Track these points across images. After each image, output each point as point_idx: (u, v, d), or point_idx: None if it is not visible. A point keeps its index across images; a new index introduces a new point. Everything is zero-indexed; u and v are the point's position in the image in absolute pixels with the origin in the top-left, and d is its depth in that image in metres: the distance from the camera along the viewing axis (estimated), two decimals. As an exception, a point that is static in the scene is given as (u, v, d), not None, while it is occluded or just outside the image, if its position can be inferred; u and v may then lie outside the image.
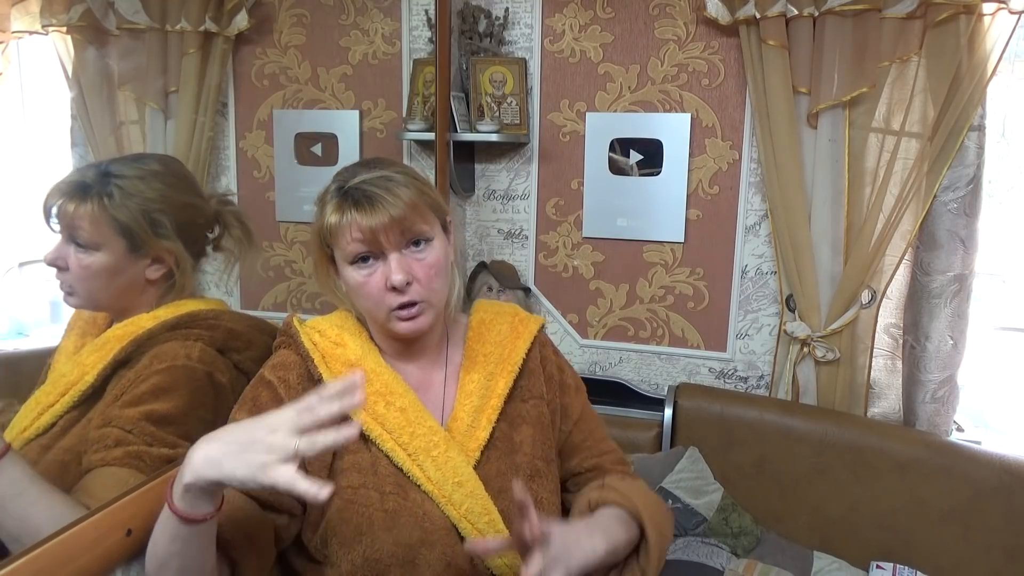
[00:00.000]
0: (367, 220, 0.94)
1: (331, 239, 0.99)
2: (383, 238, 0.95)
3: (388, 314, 0.98)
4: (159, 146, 1.71)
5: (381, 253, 0.97)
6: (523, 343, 1.11)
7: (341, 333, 1.05)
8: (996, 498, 1.74)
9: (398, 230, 0.96)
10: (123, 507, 0.93)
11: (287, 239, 2.18)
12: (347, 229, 0.96)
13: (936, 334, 1.92)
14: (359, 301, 1.02)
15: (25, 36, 1.42)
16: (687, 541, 1.83)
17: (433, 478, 0.97)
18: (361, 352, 1.03)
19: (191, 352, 1.07)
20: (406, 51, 2.20)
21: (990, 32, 1.76)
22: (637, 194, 2.17)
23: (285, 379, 1.01)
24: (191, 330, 1.10)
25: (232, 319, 1.17)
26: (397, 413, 0.99)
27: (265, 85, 2.13)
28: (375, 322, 1.04)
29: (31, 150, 1.45)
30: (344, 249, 0.98)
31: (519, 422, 1.07)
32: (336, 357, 1.02)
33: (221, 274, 1.28)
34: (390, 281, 0.96)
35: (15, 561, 0.80)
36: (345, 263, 0.99)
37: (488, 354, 1.09)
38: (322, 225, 1.00)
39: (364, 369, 1.01)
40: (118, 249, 1.07)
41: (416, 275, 0.97)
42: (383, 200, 0.95)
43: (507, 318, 1.14)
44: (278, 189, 2.15)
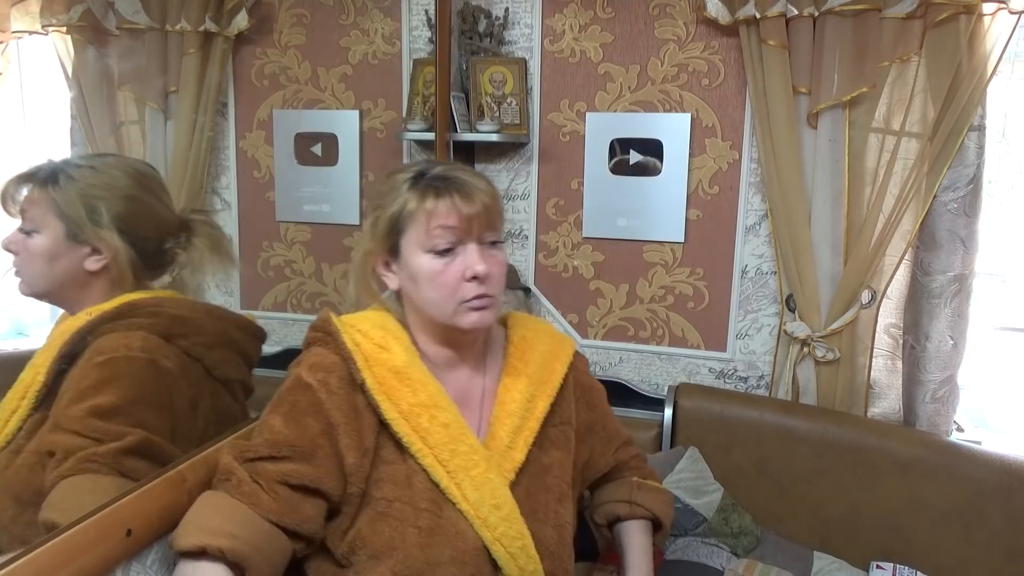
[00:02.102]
0: (466, 207, 0.96)
1: (411, 222, 0.98)
2: (476, 226, 0.97)
3: (459, 305, 0.97)
4: (159, 146, 1.71)
5: (461, 244, 0.98)
6: (561, 366, 1.11)
7: (385, 336, 1.02)
8: (996, 498, 1.74)
9: (486, 221, 0.98)
10: (123, 507, 0.93)
11: (287, 239, 2.18)
12: (442, 215, 0.96)
13: (936, 334, 1.92)
14: (426, 291, 0.99)
15: (25, 36, 1.42)
16: (687, 541, 1.83)
17: (470, 498, 0.96)
18: (407, 358, 1.00)
19: (131, 342, 1.05)
20: (406, 51, 2.20)
21: (990, 32, 1.76)
22: (637, 194, 2.17)
23: (326, 382, 0.97)
24: (132, 319, 1.07)
25: (176, 305, 1.14)
26: (440, 428, 0.97)
27: (265, 85, 2.13)
28: (436, 316, 1.00)
29: (31, 150, 1.45)
30: (428, 234, 0.97)
31: (549, 445, 1.07)
32: (380, 362, 0.99)
33: (221, 275, 1.28)
34: (472, 270, 0.96)
35: (15, 561, 0.80)
36: (420, 250, 0.98)
37: (530, 374, 1.08)
38: (400, 209, 0.98)
39: (410, 378, 0.98)
40: (57, 233, 1.07)
41: (491, 270, 0.99)
42: (478, 189, 0.98)
43: (546, 337, 1.14)
44: (278, 189, 2.15)
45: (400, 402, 0.97)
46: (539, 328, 1.16)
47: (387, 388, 0.97)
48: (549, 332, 1.16)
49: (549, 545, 1.01)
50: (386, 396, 0.96)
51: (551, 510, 1.03)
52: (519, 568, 0.97)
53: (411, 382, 0.98)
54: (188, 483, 1.05)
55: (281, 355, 1.93)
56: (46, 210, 1.07)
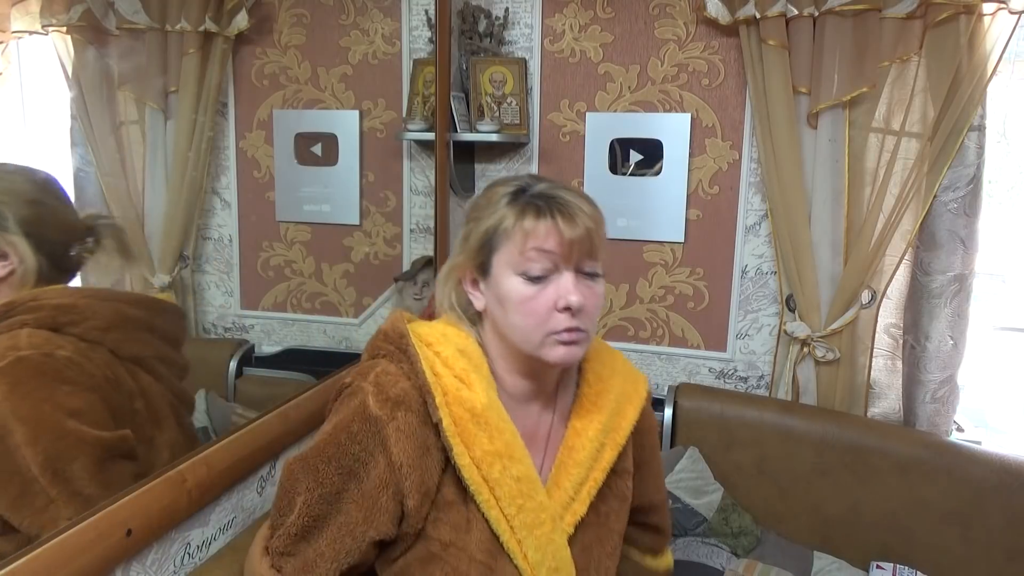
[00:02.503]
0: (568, 229, 0.88)
1: (504, 242, 0.91)
2: (575, 252, 0.90)
3: (546, 336, 0.90)
4: (159, 146, 1.71)
5: (556, 271, 0.90)
6: (633, 411, 1.04)
7: (467, 367, 0.93)
8: (996, 498, 1.74)
9: (586, 248, 0.91)
10: (123, 507, 0.93)
11: (287, 239, 2.18)
12: (542, 236, 0.88)
13: (936, 334, 1.92)
14: (514, 317, 0.91)
15: (25, 36, 1.42)
16: (687, 541, 1.83)
17: (531, 558, 0.90)
18: (487, 398, 0.91)
19: (16, 342, 1.00)
20: (406, 51, 2.20)
21: (990, 32, 1.76)
22: (637, 194, 2.17)
23: (395, 417, 0.88)
24: (12, 319, 1.03)
25: (58, 294, 1.10)
26: (511, 481, 0.90)
27: (265, 85, 2.13)
28: (522, 345, 0.92)
29: (31, 150, 1.45)
30: (523, 255, 0.89)
31: (608, 495, 1.01)
32: (460, 401, 0.90)
33: (221, 275, 1.28)
34: (565, 300, 0.89)
35: (15, 561, 0.80)
36: (512, 272, 0.90)
37: (603, 421, 1.00)
38: (495, 226, 0.91)
39: (488, 423, 0.90)
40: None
41: (586, 302, 0.91)
42: (581, 211, 0.91)
43: (620, 378, 1.06)
44: (278, 189, 2.15)
45: (474, 448, 0.89)
46: (615, 364, 1.07)
47: (462, 430, 0.89)
48: (624, 370, 1.07)
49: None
50: (461, 439, 0.89)
51: (603, 566, 0.98)
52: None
53: (488, 427, 0.90)
54: (188, 483, 1.05)
55: (281, 355, 1.94)
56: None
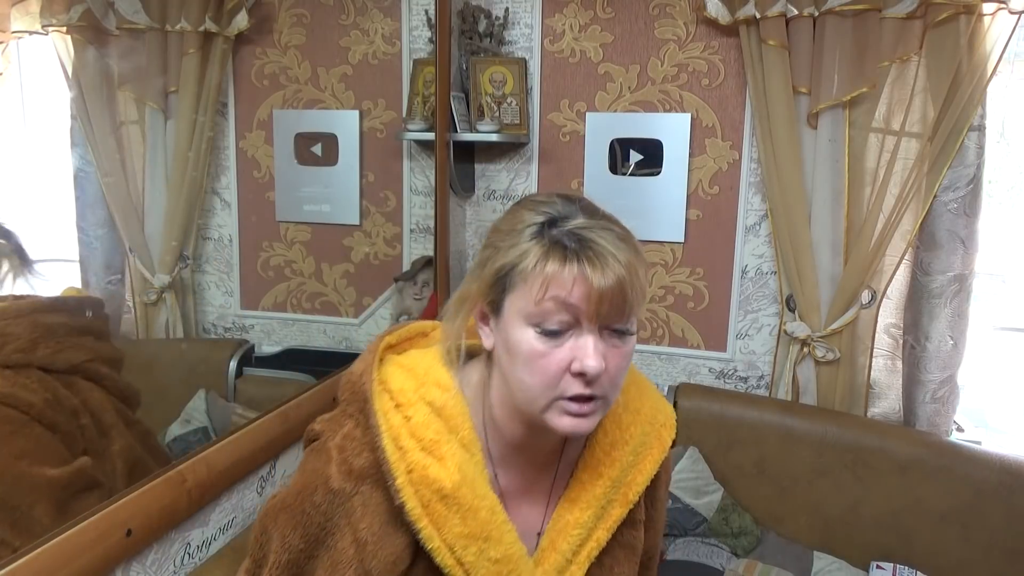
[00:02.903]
0: (597, 277, 0.73)
1: (520, 283, 0.76)
2: (603, 307, 0.74)
3: (553, 402, 0.77)
4: (159, 146, 1.71)
5: (577, 325, 0.76)
6: (651, 464, 0.91)
7: (439, 432, 0.80)
8: (996, 498, 1.74)
9: (617, 303, 0.75)
10: (123, 507, 0.93)
11: (287, 239, 2.18)
12: (561, 284, 0.74)
13: (936, 334, 1.92)
14: (520, 372, 0.78)
15: (25, 36, 1.42)
16: (687, 541, 1.83)
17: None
18: (460, 475, 0.78)
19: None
20: (406, 51, 2.20)
21: (990, 32, 1.76)
22: (637, 194, 2.17)
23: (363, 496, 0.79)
24: None
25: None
26: (488, 564, 0.80)
27: (265, 85, 2.13)
28: (524, 405, 0.80)
29: (31, 150, 1.45)
30: (540, 304, 0.75)
31: (615, 547, 0.90)
32: (426, 482, 0.78)
33: (221, 275, 1.27)
34: (581, 364, 0.75)
35: (15, 561, 0.80)
36: (524, 321, 0.76)
37: (614, 477, 0.88)
38: (514, 263, 0.77)
39: (460, 503, 0.78)
40: None
41: (608, 366, 0.76)
42: (613, 260, 0.74)
43: (644, 421, 0.92)
44: (278, 189, 2.15)
45: (445, 530, 0.79)
46: (641, 406, 0.93)
47: (431, 512, 0.78)
48: (650, 412, 0.93)
49: None
50: (430, 521, 0.78)
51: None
52: None
53: (461, 508, 0.78)
54: (188, 483, 1.05)
55: (281, 355, 1.94)
56: None
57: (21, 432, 0.94)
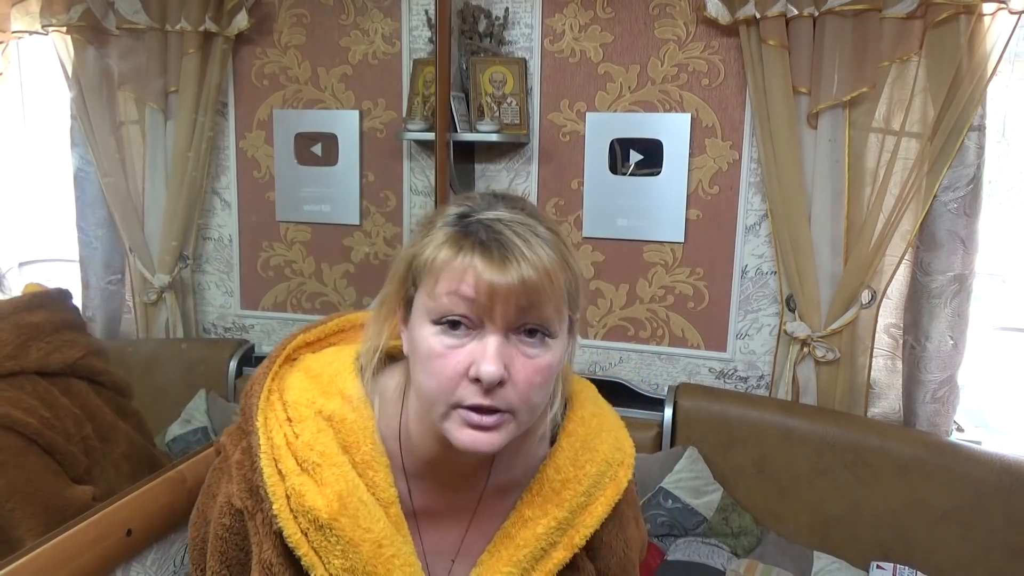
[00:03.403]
0: (491, 273, 0.66)
1: (424, 276, 0.71)
2: (500, 306, 0.67)
3: (450, 410, 0.69)
4: (159, 146, 1.71)
5: (480, 326, 0.68)
6: (603, 507, 0.82)
7: (325, 449, 0.74)
8: (996, 498, 1.74)
9: (521, 303, 0.67)
10: (123, 507, 0.93)
11: (287, 239, 2.18)
12: (457, 276, 0.67)
13: (936, 334, 1.92)
14: (420, 374, 0.71)
15: (25, 36, 1.42)
16: (687, 541, 1.83)
17: None
18: (339, 504, 0.72)
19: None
20: (406, 51, 2.20)
21: (990, 32, 1.76)
22: (637, 194, 2.17)
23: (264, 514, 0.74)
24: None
25: None
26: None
27: (265, 85, 2.13)
28: (427, 412, 0.73)
29: (31, 150, 1.45)
30: (436, 298, 0.69)
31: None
32: (304, 510, 0.72)
33: (221, 275, 1.26)
34: (477, 369, 0.67)
35: (15, 561, 0.80)
36: (425, 318, 0.70)
37: (560, 519, 0.79)
38: (417, 254, 0.72)
39: (339, 535, 0.72)
40: None
41: (515, 376, 0.69)
42: (518, 253, 0.67)
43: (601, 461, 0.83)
44: (278, 189, 2.15)
45: (329, 561, 0.73)
46: (600, 444, 0.84)
47: (311, 542, 0.73)
48: (608, 452, 0.85)
49: None
50: (312, 550, 0.72)
51: None
52: None
53: (340, 540, 0.72)
54: (187, 483, 1.05)
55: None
56: None
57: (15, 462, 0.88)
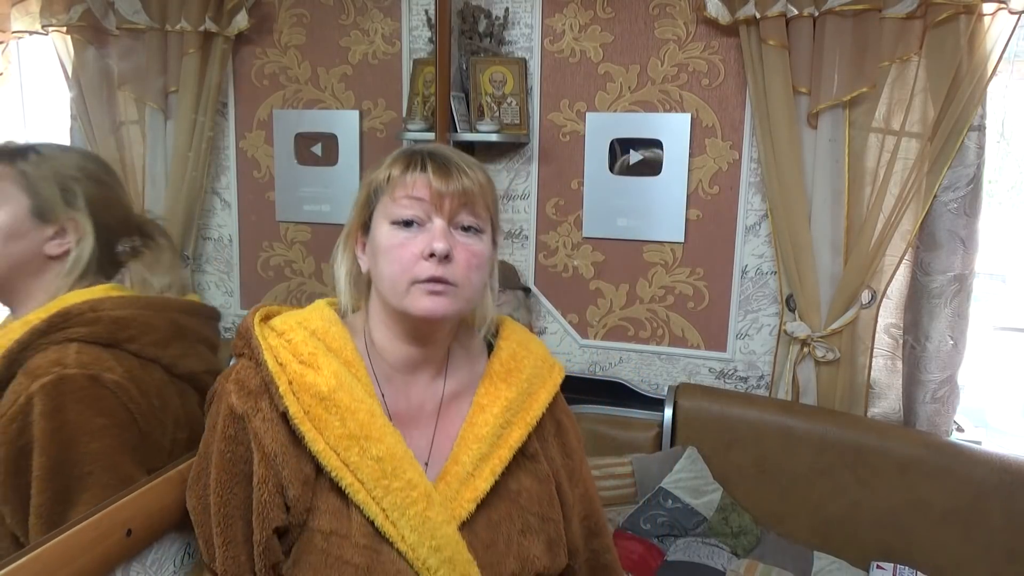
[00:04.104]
0: (440, 182, 0.89)
1: (383, 191, 0.92)
2: (445, 203, 0.89)
3: (411, 286, 0.88)
4: (159, 146, 1.71)
5: (429, 222, 0.90)
6: (546, 394, 1.01)
7: (316, 348, 0.90)
8: (996, 498, 1.74)
9: (459, 203, 0.90)
10: (123, 507, 0.93)
11: (287, 239, 2.18)
12: (410, 184, 0.90)
13: (936, 334, 1.92)
14: (383, 265, 0.90)
15: (25, 36, 1.42)
16: (687, 542, 1.83)
17: (408, 539, 0.87)
18: (336, 381, 0.87)
19: (63, 358, 0.93)
20: (406, 51, 2.20)
21: (990, 32, 1.76)
22: (637, 194, 2.17)
23: (258, 409, 0.87)
24: (66, 331, 0.96)
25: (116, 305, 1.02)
26: (371, 463, 0.86)
27: (265, 85, 2.13)
28: (390, 297, 0.90)
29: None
30: (395, 203, 0.90)
31: (520, 472, 0.98)
32: (305, 387, 0.87)
33: (221, 275, 1.27)
34: (431, 247, 0.87)
35: (15, 561, 0.80)
36: (385, 221, 0.91)
37: (511, 399, 0.97)
38: (378, 177, 0.93)
39: (338, 405, 0.87)
40: (20, 209, 0.99)
41: (457, 256, 0.89)
42: (457, 168, 0.91)
43: (537, 359, 1.03)
44: (278, 189, 2.15)
45: (327, 433, 0.86)
46: (531, 347, 1.05)
47: (313, 416, 0.86)
48: (541, 354, 1.05)
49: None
50: (312, 425, 0.86)
51: (514, 541, 0.93)
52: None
53: (339, 410, 0.86)
54: (188, 483, 1.05)
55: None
56: (12, 184, 0.98)
57: (114, 432, 0.95)
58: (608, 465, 1.98)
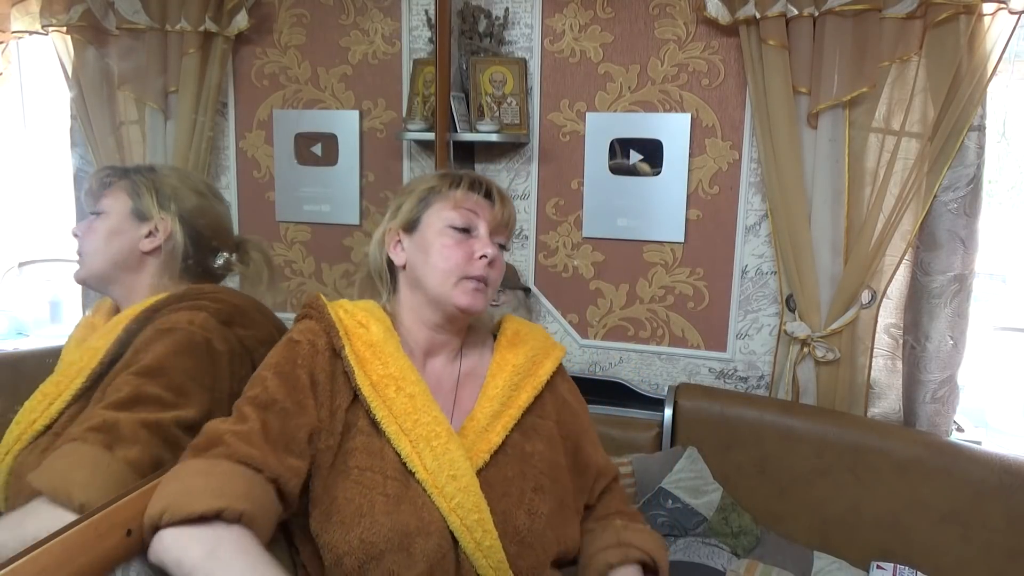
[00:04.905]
0: (499, 209, 1.13)
1: (439, 200, 1.11)
2: (497, 225, 1.12)
3: (459, 280, 1.07)
4: (159, 146, 1.71)
5: (475, 231, 1.10)
6: (551, 364, 1.17)
7: (368, 316, 1.10)
8: (996, 498, 1.74)
9: (503, 225, 1.14)
10: (123, 507, 0.93)
11: (287, 239, 2.18)
12: (472, 202, 1.11)
13: (936, 334, 1.92)
14: (436, 258, 1.08)
15: (25, 36, 1.42)
16: (687, 542, 1.83)
17: (429, 467, 1.00)
18: (382, 337, 1.07)
19: (193, 319, 1.10)
20: (406, 51, 2.20)
21: (990, 32, 1.76)
22: (637, 194, 2.17)
23: (313, 342, 1.05)
24: (198, 301, 1.13)
25: (236, 296, 1.20)
26: (405, 399, 1.03)
27: (265, 85, 2.13)
28: (435, 288, 1.08)
29: (31, 150, 1.45)
30: (455, 210, 1.10)
31: (533, 435, 1.11)
32: (358, 336, 1.07)
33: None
34: (483, 251, 1.08)
35: (15, 561, 0.80)
36: (441, 223, 1.09)
37: (517, 365, 1.14)
38: (432, 186, 1.12)
39: (383, 352, 1.05)
40: (123, 211, 1.16)
41: (495, 262, 1.10)
42: (508, 200, 1.17)
43: (540, 336, 1.21)
44: (278, 189, 2.15)
45: (371, 373, 1.04)
46: (533, 329, 1.22)
47: (361, 359, 1.05)
48: (542, 334, 1.22)
49: (519, 528, 1.03)
50: (359, 365, 1.04)
51: (526, 496, 1.05)
52: (475, 542, 0.98)
53: (383, 356, 1.05)
54: (188, 483, 1.05)
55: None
56: (120, 192, 1.17)
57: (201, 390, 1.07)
58: (608, 465, 1.98)
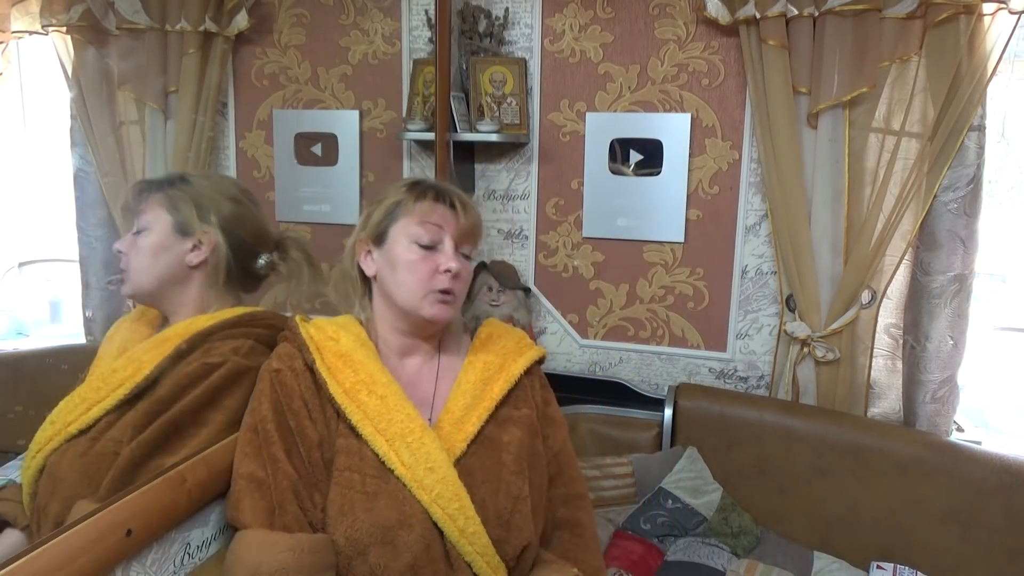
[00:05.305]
0: (463, 218, 1.13)
1: (404, 214, 1.11)
2: (461, 235, 1.12)
3: (427, 294, 1.10)
4: (159, 146, 1.71)
5: (441, 244, 1.12)
6: (524, 361, 1.20)
7: (338, 330, 1.14)
8: (996, 498, 1.74)
9: (468, 235, 1.14)
10: (123, 507, 0.93)
11: (287, 239, 2.17)
12: (437, 215, 1.11)
13: (936, 334, 1.92)
14: (402, 275, 1.10)
15: (25, 36, 1.42)
16: (687, 542, 1.83)
17: (407, 462, 1.04)
18: (351, 346, 1.12)
19: (239, 347, 1.13)
20: (406, 51, 2.20)
21: (990, 32, 1.76)
22: (637, 194, 2.17)
23: (292, 366, 1.10)
24: (250, 328, 1.17)
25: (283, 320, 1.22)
26: (377, 401, 1.07)
27: (265, 85, 2.13)
28: (404, 301, 1.11)
29: (31, 150, 1.45)
30: (420, 225, 1.11)
31: (508, 424, 1.14)
32: (328, 348, 1.12)
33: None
34: (447, 265, 1.10)
35: (15, 561, 0.80)
36: (407, 239, 1.11)
37: (489, 362, 1.18)
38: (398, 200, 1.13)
39: (352, 360, 1.10)
40: (165, 228, 1.16)
41: (460, 273, 1.12)
42: (471, 208, 1.16)
43: (515, 338, 1.24)
44: (278, 189, 2.15)
45: (343, 381, 1.08)
46: (509, 331, 1.26)
47: (332, 369, 1.09)
48: (519, 335, 1.26)
49: (501, 512, 1.07)
50: (331, 375, 1.09)
51: (504, 480, 1.09)
52: (459, 529, 1.03)
53: (353, 363, 1.10)
54: (188, 483, 1.05)
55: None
56: (159, 207, 1.17)
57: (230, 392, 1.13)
58: (608, 465, 1.98)
